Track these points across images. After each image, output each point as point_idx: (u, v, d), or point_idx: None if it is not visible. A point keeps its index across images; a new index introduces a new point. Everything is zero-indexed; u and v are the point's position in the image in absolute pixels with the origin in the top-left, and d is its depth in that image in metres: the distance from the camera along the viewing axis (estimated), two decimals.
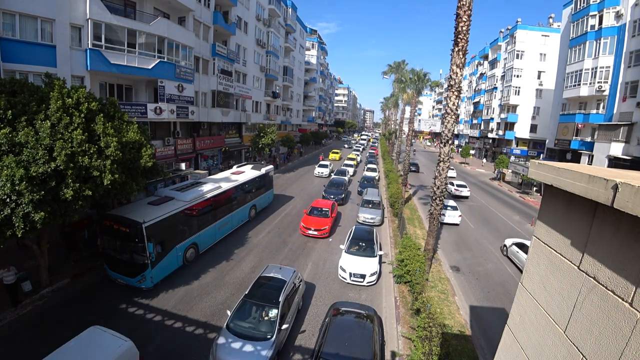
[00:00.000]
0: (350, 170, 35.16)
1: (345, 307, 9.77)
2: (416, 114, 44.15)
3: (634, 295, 1.48)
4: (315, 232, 16.60)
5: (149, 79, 19.53)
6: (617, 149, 26.29)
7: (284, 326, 8.73)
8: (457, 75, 11.78)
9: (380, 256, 13.60)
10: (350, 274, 12.43)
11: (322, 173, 33.72)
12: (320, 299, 11.59)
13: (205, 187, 14.98)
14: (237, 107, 31.53)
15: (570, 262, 1.92)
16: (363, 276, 12.37)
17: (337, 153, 49.27)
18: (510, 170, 38.42)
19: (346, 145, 70.74)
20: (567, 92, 33.11)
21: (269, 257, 14.48)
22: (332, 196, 23.41)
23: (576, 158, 32.22)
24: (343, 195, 24.20)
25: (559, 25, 41.47)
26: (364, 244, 13.95)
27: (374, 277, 12.55)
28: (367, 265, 12.63)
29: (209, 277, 12.63)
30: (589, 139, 31.05)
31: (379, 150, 64.06)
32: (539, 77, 47.54)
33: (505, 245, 16.54)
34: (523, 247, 15.06)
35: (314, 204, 18.83)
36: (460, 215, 20.82)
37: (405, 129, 61.83)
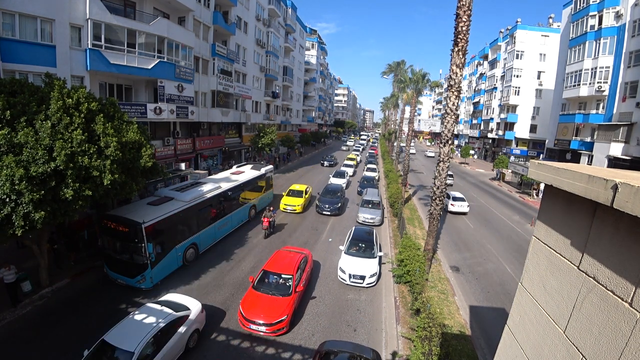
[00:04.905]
0: (350, 170, 35.08)
1: (337, 347, 7.92)
2: (416, 114, 44.09)
3: (633, 295, 1.48)
4: (264, 328, 9.21)
5: (149, 79, 19.52)
6: (616, 149, 26.29)
7: None
8: (457, 75, 11.78)
9: (380, 257, 13.54)
10: (349, 275, 12.37)
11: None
12: (320, 299, 11.59)
13: (205, 187, 14.97)
14: (236, 107, 31.52)
15: (570, 262, 1.92)
16: (363, 277, 12.31)
17: (297, 197, 21.28)
18: (510, 171, 38.44)
19: (325, 163, 42.55)
20: (566, 92, 33.12)
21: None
22: (327, 205, 20.67)
23: (576, 158, 32.21)
24: (339, 204, 21.21)
25: (558, 26, 41.49)
26: (363, 245, 13.88)
27: (374, 279, 12.48)
28: (366, 267, 12.56)
29: (209, 277, 12.62)
30: (588, 139, 31.04)
31: (378, 151, 64.09)
32: (538, 77, 47.55)
33: None
34: None
35: (267, 265, 11.19)
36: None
37: (405, 129, 61.81)
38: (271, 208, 17.34)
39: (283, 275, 10.69)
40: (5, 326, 9.35)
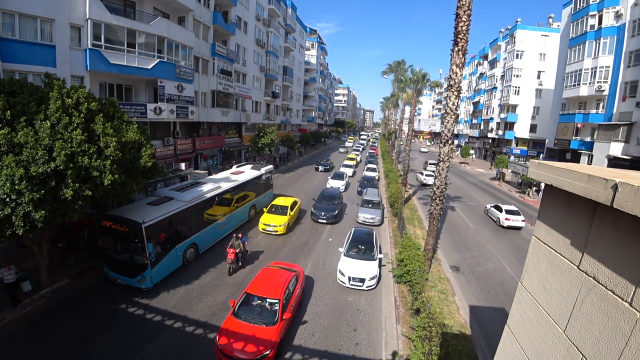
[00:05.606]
0: (349, 171, 34.84)
1: None
2: (416, 114, 44.08)
3: (633, 294, 1.48)
4: None
5: (149, 79, 19.52)
6: (616, 149, 26.29)
7: None
8: (456, 75, 11.78)
9: (380, 259, 13.38)
10: (349, 278, 12.21)
11: None
12: (320, 299, 11.59)
13: (205, 187, 14.97)
14: (236, 107, 31.52)
15: (570, 261, 1.92)
16: (362, 280, 12.14)
17: (280, 214, 17.56)
18: (510, 170, 38.43)
19: (320, 168, 36.69)
20: (566, 92, 33.12)
21: (268, 257, 14.47)
22: (323, 213, 19.31)
23: (576, 158, 32.22)
24: (337, 212, 19.69)
25: (558, 25, 41.48)
26: (363, 247, 13.66)
27: (374, 281, 12.31)
28: (366, 269, 12.39)
29: (209, 277, 12.62)
30: (588, 139, 31.04)
31: (378, 150, 64.10)
32: (538, 77, 47.54)
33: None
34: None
35: (251, 286, 9.72)
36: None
37: (405, 128, 61.86)
38: (239, 235, 13.46)
39: (268, 300, 9.25)
40: (5, 326, 9.35)
